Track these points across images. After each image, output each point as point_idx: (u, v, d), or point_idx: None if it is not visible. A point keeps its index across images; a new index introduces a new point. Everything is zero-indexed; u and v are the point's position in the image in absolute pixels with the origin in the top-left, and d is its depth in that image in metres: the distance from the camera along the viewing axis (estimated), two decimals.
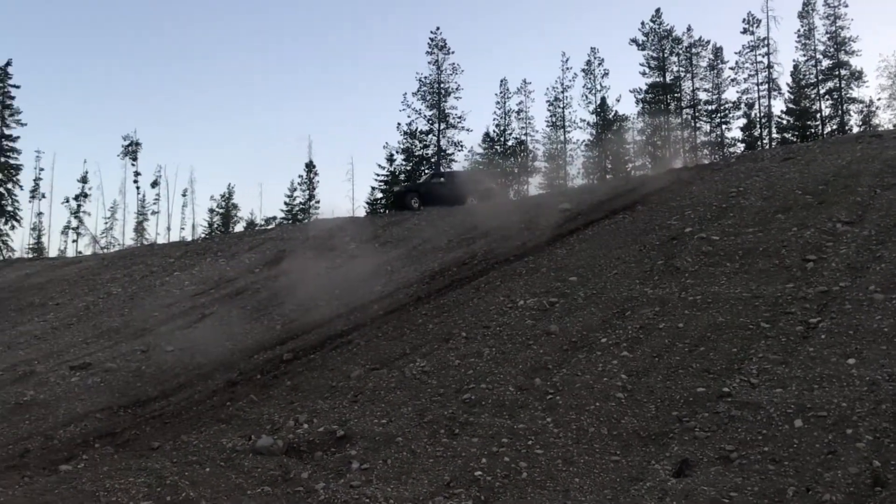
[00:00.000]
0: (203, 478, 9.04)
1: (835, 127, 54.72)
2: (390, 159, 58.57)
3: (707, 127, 59.48)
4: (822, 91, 55.91)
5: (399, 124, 58.84)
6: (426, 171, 52.47)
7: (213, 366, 13.84)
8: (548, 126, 61.73)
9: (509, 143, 61.89)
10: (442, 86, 58.67)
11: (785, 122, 57.18)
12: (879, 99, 58.21)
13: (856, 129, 51.30)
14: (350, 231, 24.57)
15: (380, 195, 56.65)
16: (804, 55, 56.44)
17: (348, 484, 8.64)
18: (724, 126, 58.87)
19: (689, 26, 62.35)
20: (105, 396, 12.97)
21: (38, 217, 64.68)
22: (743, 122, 58.41)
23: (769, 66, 56.19)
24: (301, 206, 63.38)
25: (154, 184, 65.56)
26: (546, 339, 11.90)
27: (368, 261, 19.70)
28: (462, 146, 59.14)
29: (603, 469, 8.34)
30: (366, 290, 17.01)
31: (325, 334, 14.61)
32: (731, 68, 58.07)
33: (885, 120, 54.21)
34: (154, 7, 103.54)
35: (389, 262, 19.55)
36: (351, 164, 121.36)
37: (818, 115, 56.18)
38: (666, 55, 58.94)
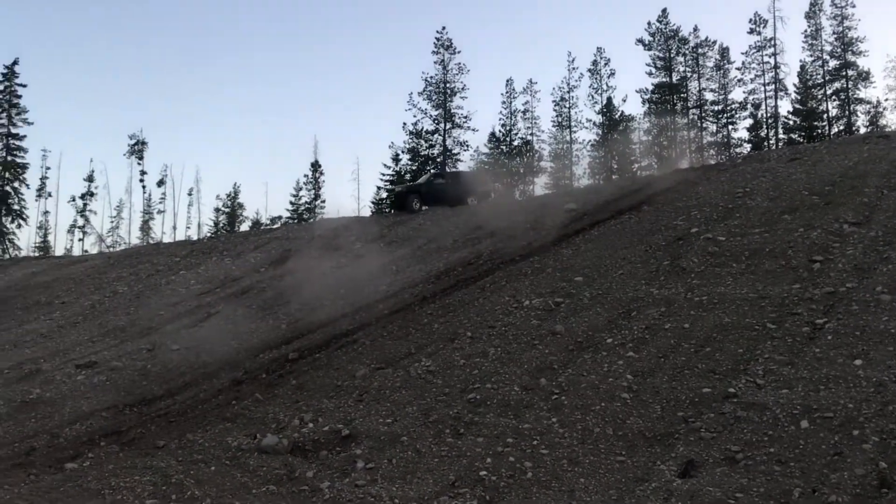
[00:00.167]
0: (208, 476, 9.06)
1: (842, 128, 54.45)
2: (396, 159, 58.56)
3: (713, 127, 59.23)
4: (829, 92, 55.62)
5: (405, 124, 58.60)
6: (431, 170, 52.30)
7: (219, 365, 13.87)
8: (554, 126, 61.48)
9: (515, 142, 61.77)
10: (448, 85, 58.54)
11: (791, 122, 56.92)
12: (887, 100, 57.80)
13: (863, 130, 51.06)
14: (355, 231, 24.59)
15: (385, 195, 56.57)
16: (811, 55, 56.22)
17: (353, 483, 8.65)
18: (730, 126, 58.64)
19: (696, 26, 62.36)
20: (111, 395, 13.01)
21: (45, 216, 64.81)
22: (749, 122, 58.11)
23: (776, 67, 55.94)
24: (307, 205, 63.41)
25: (160, 183, 65.63)
26: (551, 339, 11.89)
27: (374, 260, 19.71)
28: (468, 146, 59.06)
29: (608, 469, 8.34)
30: (371, 290, 17.02)
31: (330, 333, 14.63)
32: (738, 69, 57.78)
33: (893, 121, 53.94)
34: (161, 7, 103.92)
35: (395, 261, 19.56)
36: (356, 164, 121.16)
37: (825, 116, 55.90)
38: (672, 55, 58.72)
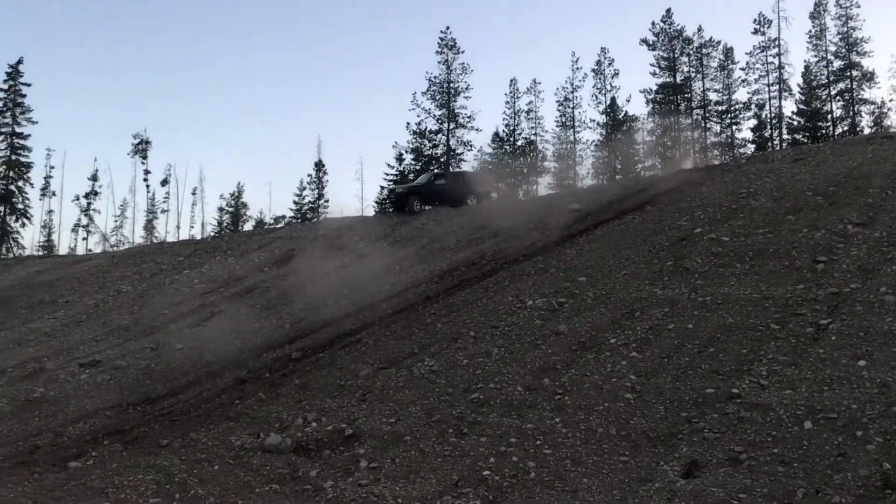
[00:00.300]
0: (211, 475, 9.08)
1: (846, 128, 54.30)
2: (399, 159, 58.55)
3: (717, 128, 59.07)
4: (833, 92, 55.48)
5: (408, 124, 58.54)
6: (435, 169, 52.29)
7: (222, 364, 13.89)
8: (557, 126, 61.38)
9: (519, 142, 61.71)
10: (452, 85, 58.51)
11: (796, 123, 56.79)
12: (891, 100, 57.60)
13: (867, 131, 50.91)
14: (359, 230, 24.60)
15: (386, 195, 56.55)
16: (815, 56, 56.06)
17: (356, 482, 8.66)
18: (734, 127, 58.46)
19: (700, 26, 62.20)
20: (114, 394, 13.03)
21: (49, 215, 64.76)
22: (753, 122, 57.94)
23: (780, 67, 55.76)
24: (310, 205, 63.35)
25: (164, 182, 65.50)
26: (555, 339, 11.89)
27: (377, 260, 19.72)
28: (471, 146, 58.94)
29: (611, 469, 8.33)
30: (374, 290, 17.03)
31: (333, 333, 14.64)
32: (742, 69, 57.61)
33: None
34: (165, 7, 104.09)
35: (398, 261, 19.57)
36: (360, 164, 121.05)
37: (829, 117, 55.76)
38: (676, 55, 58.58)
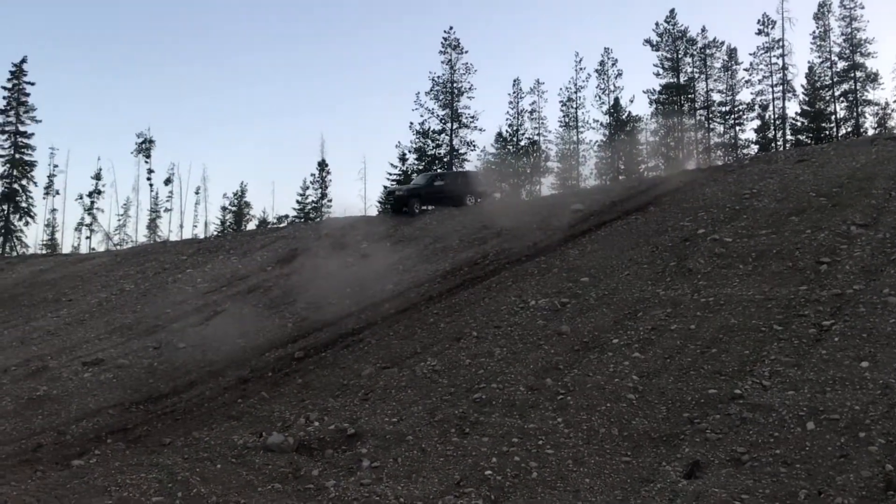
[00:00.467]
0: (214, 474, 9.10)
1: (850, 129, 54.26)
2: (403, 158, 58.69)
3: (721, 128, 59.14)
4: (837, 93, 55.44)
5: (412, 123, 58.90)
6: (438, 169, 52.33)
7: (225, 363, 13.91)
8: (561, 126, 61.46)
9: (522, 143, 61.77)
10: (455, 85, 58.64)
11: (799, 123, 56.76)
12: (895, 101, 57.71)
13: (871, 132, 50.87)
14: (362, 230, 24.62)
15: (385, 197, 56.53)
16: (819, 57, 56.05)
17: (358, 482, 8.67)
18: (737, 127, 58.53)
19: (704, 27, 62.42)
20: (117, 392, 13.06)
21: (52, 213, 65.09)
22: (757, 123, 58.01)
23: (784, 68, 55.79)
24: (313, 204, 63.44)
25: (167, 181, 65.74)
26: (557, 339, 11.89)
27: (380, 259, 19.73)
28: (474, 146, 59.10)
29: (613, 470, 8.33)
30: (377, 289, 17.04)
31: (336, 332, 14.65)
32: (746, 70, 57.70)
33: None
34: (169, 6, 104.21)
35: (401, 260, 19.58)
36: (363, 163, 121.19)
37: (833, 118, 55.72)
38: (680, 56, 58.63)
